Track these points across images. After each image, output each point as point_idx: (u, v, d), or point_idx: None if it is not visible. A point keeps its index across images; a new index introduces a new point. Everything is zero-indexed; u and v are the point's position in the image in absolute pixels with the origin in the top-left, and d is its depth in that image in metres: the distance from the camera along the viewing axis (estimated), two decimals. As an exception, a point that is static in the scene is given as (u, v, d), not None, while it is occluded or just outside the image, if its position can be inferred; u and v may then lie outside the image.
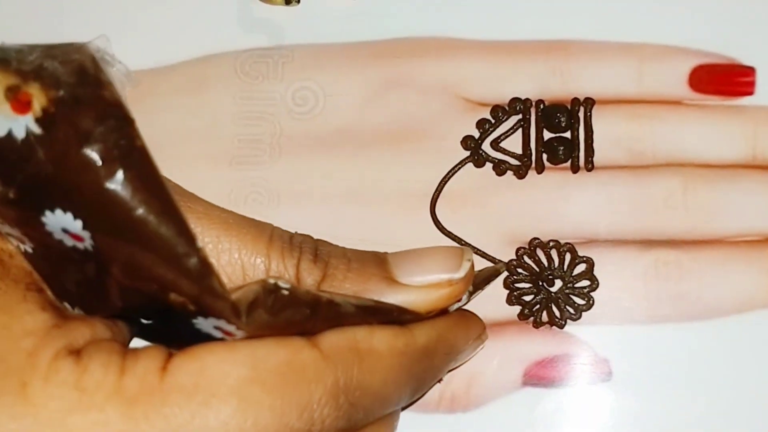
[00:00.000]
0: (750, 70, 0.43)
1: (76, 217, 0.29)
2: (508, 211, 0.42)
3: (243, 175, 0.43)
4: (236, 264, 0.34)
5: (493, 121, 0.43)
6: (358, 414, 0.32)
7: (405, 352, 0.34)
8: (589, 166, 0.42)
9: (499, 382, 0.41)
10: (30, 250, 0.32)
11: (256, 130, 0.43)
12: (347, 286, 0.35)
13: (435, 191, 0.42)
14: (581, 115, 0.42)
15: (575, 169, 0.42)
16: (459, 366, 0.40)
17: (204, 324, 0.30)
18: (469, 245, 0.42)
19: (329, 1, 0.44)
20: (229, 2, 0.44)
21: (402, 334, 0.34)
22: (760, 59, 0.43)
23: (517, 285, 0.42)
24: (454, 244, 0.42)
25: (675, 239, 0.42)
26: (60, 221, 0.29)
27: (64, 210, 0.29)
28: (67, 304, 0.32)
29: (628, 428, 0.41)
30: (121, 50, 0.43)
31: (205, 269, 0.29)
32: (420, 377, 0.35)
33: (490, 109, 0.43)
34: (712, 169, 0.42)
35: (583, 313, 0.41)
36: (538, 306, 0.41)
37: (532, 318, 0.41)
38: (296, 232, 0.36)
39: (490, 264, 0.42)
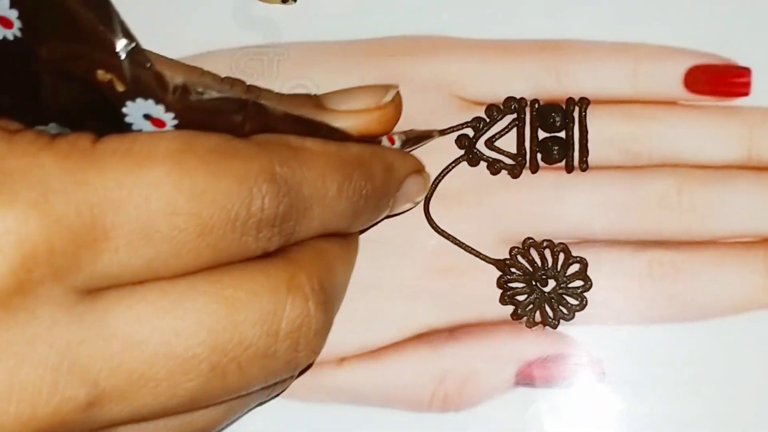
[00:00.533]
0: (745, 71, 0.42)
1: (12, 5, 0.29)
2: (502, 211, 0.42)
3: None
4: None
5: (487, 120, 0.43)
6: (300, 202, 0.32)
7: (338, 154, 0.34)
8: (584, 166, 0.42)
9: (491, 382, 0.41)
10: None
11: (251, 128, 0.43)
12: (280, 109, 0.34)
13: (429, 190, 0.42)
14: (576, 114, 0.42)
15: (570, 168, 0.42)
16: (407, 210, 0.41)
17: (134, 112, 0.30)
18: (463, 244, 0.42)
19: (325, -1, 0.44)
20: (225, 0, 0.44)
21: (333, 142, 0.35)
22: (755, 60, 0.42)
23: (510, 285, 0.41)
24: (445, 240, 0.42)
25: (669, 240, 0.42)
26: None
27: None
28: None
29: (621, 429, 0.41)
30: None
31: (130, 40, 0.29)
32: (362, 187, 0.35)
33: (484, 108, 0.43)
34: (707, 170, 0.42)
35: (577, 314, 0.41)
36: (531, 306, 0.41)
37: (525, 318, 0.41)
38: (228, 76, 0.36)
39: (486, 264, 0.42)
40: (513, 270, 0.42)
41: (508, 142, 0.43)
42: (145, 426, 0.31)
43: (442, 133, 0.42)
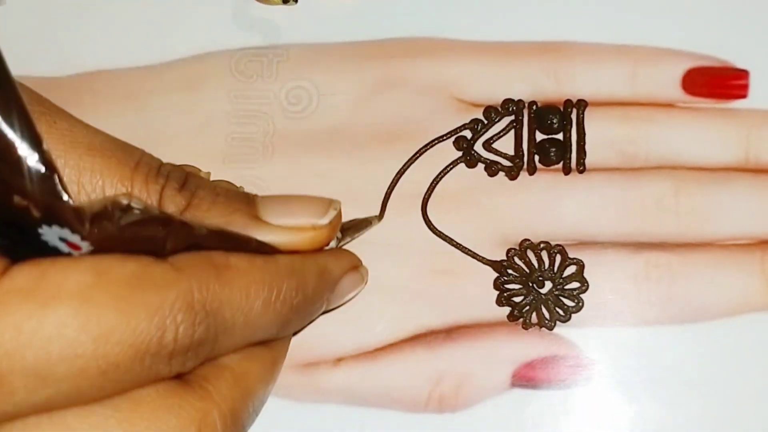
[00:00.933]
0: (743, 73, 0.42)
1: None
2: (500, 212, 0.42)
3: (236, 174, 0.43)
4: (97, 187, 0.33)
5: (485, 121, 0.43)
6: (219, 326, 0.31)
7: (266, 267, 0.33)
8: (581, 168, 0.42)
9: (487, 384, 0.41)
10: None
11: (250, 129, 0.43)
12: (210, 217, 0.34)
13: (426, 191, 0.42)
14: (574, 116, 0.42)
15: (567, 170, 0.42)
16: (342, 305, 0.40)
17: (49, 234, 0.29)
18: (460, 245, 0.42)
19: (324, 1, 0.44)
20: (225, 1, 0.44)
21: (261, 256, 0.33)
22: (753, 62, 0.43)
23: (507, 286, 0.42)
24: (442, 242, 0.42)
25: (666, 242, 0.42)
26: None
27: None
28: None
29: (617, 430, 0.41)
30: (117, 48, 0.43)
31: (48, 170, 0.28)
32: (292, 298, 0.34)
33: (483, 109, 0.43)
34: (705, 172, 0.42)
35: (573, 315, 0.41)
36: (527, 307, 0.41)
37: (521, 319, 0.41)
38: (168, 163, 0.35)
39: (483, 266, 0.42)
40: (510, 271, 0.42)
41: (506, 144, 0.43)
42: None
43: (380, 218, 0.42)
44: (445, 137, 0.43)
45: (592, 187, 0.42)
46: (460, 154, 0.43)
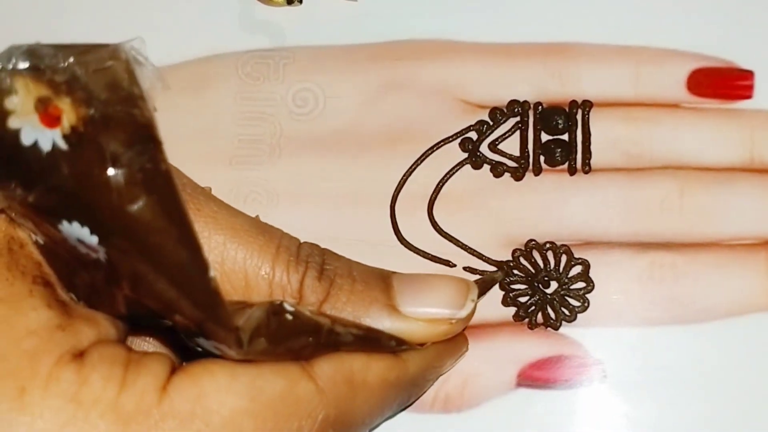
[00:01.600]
0: (748, 74, 0.43)
1: (92, 232, 0.29)
2: (505, 213, 0.42)
3: (243, 175, 0.43)
4: (240, 272, 0.33)
5: (491, 123, 0.43)
6: None
7: (397, 385, 0.35)
8: (586, 168, 0.42)
9: (493, 383, 0.41)
10: (41, 242, 0.31)
11: (257, 131, 0.44)
12: (349, 309, 0.34)
13: (432, 193, 0.43)
14: (579, 117, 0.42)
15: (572, 171, 0.42)
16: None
17: (206, 344, 0.31)
18: (466, 246, 0.42)
19: (330, 3, 0.44)
20: (231, 4, 0.44)
21: (396, 366, 0.35)
22: (758, 63, 0.43)
23: (512, 286, 0.42)
24: (448, 242, 0.42)
25: (671, 242, 0.42)
26: (76, 232, 0.29)
27: (82, 224, 0.29)
28: (73, 296, 0.32)
29: (622, 430, 0.41)
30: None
31: (214, 299, 0.29)
32: (403, 401, 0.37)
33: (488, 111, 0.43)
34: (709, 173, 0.42)
35: (579, 315, 0.41)
36: (533, 307, 0.41)
37: (527, 319, 0.41)
38: (305, 243, 0.35)
39: (488, 266, 0.42)
40: (515, 272, 0.42)
41: (512, 145, 0.43)
42: None
43: (504, 267, 0.42)
44: (450, 139, 0.43)
45: (598, 187, 0.42)
46: (465, 155, 0.43)
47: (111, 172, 0.28)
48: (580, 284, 0.41)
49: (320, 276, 0.34)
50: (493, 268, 0.42)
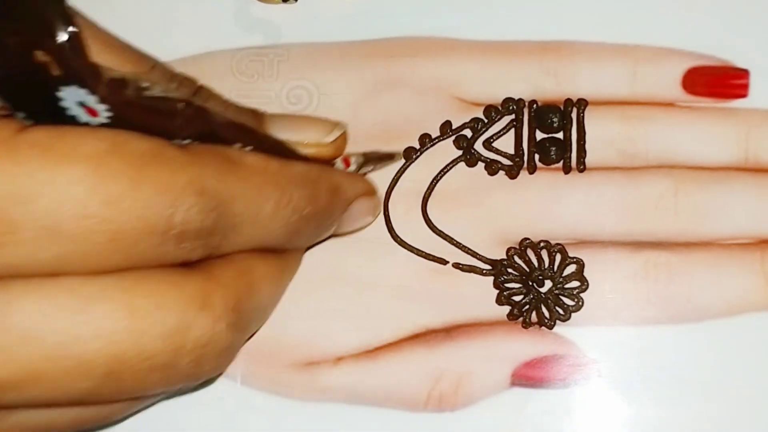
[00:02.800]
0: (744, 73, 0.42)
1: None
2: (500, 211, 0.42)
3: None
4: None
5: (486, 120, 0.43)
6: (229, 218, 0.31)
7: (280, 172, 0.33)
8: (581, 167, 0.42)
9: (487, 382, 0.41)
10: None
11: (251, 128, 0.43)
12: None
13: (426, 190, 0.42)
14: (574, 115, 0.42)
15: (567, 169, 0.42)
16: (353, 231, 0.41)
17: (69, 97, 0.29)
18: (460, 244, 0.42)
19: (325, 0, 0.44)
20: (226, 1, 0.44)
21: (277, 160, 0.34)
22: (753, 62, 0.42)
23: (506, 285, 0.42)
24: (442, 240, 0.42)
25: (666, 241, 0.42)
26: None
27: None
28: None
29: (617, 429, 0.41)
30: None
31: (71, 24, 0.28)
32: (302, 207, 0.34)
33: (483, 108, 0.43)
34: (704, 172, 0.42)
35: (573, 314, 0.41)
36: (527, 306, 0.41)
37: (521, 318, 0.41)
38: (181, 72, 0.35)
39: (480, 265, 0.42)
40: (510, 270, 0.42)
41: (506, 143, 0.43)
42: (41, 412, 0.31)
43: (410, 153, 0.42)
44: (445, 136, 0.43)
45: (592, 186, 0.42)
46: (460, 153, 0.43)
47: None
48: (575, 283, 0.41)
49: (192, 95, 0.34)
50: (487, 267, 0.42)
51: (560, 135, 0.42)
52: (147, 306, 0.30)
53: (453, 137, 0.43)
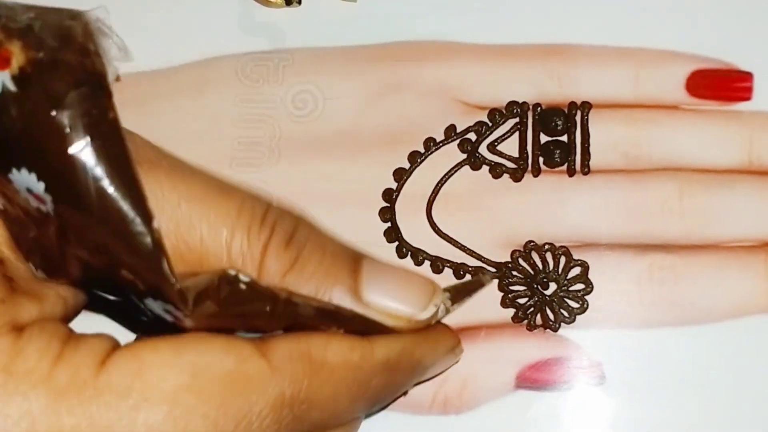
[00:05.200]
0: (747, 76, 0.43)
1: (39, 178, 0.29)
2: (504, 214, 0.42)
3: (242, 177, 0.42)
4: (196, 235, 0.31)
5: (490, 124, 0.43)
6: (303, 426, 0.31)
7: (361, 367, 0.32)
8: (586, 169, 0.42)
9: (492, 385, 0.41)
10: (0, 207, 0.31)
11: (256, 133, 0.44)
12: (312, 284, 0.32)
13: (431, 193, 0.42)
14: (578, 118, 0.42)
15: (571, 172, 0.42)
16: (431, 378, 0.39)
17: (154, 305, 0.30)
18: (465, 247, 0.42)
19: (329, 4, 0.44)
20: (231, 5, 0.44)
21: (360, 346, 0.32)
22: (757, 65, 0.43)
23: (511, 288, 0.42)
24: (447, 244, 0.42)
25: (670, 244, 0.42)
26: (25, 180, 0.29)
27: (29, 170, 0.29)
28: (32, 265, 0.32)
29: (621, 432, 0.41)
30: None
31: (157, 251, 0.29)
32: (378, 392, 0.34)
33: (487, 112, 0.43)
34: (709, 174, 0.42)
35: (578, 317, 0.41)
36: (532, 309, 0.41)
37: (526, 321, 0.41)
38: (276, 206, 0.33)
39: (486, 267, 0.42)
40: (514, 273, 0.42)
41: (511, 146, 0.43)
42: None
43: (493, 276, 0.42)
44: (449, 140, 0.43)
45: (596, 188, 0.42)
46: (464, 156, 0.43)
47: (55, 113, 0.28)
48: (579, 286, 0.41)
49: (288, 244, 0.32)
50: (492, 269, 0.42)
51: (564, 138, 0.42)
52: None
53: (457, 141, 0.43)
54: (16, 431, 0.28)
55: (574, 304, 0.41)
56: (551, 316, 0.41)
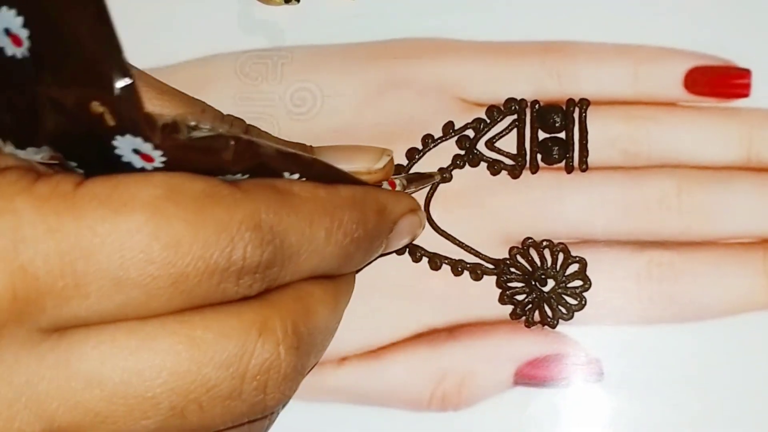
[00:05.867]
0: (745, 72, 0.43)
1: (19, 13, 0.29)
2: (502, 211, 0.42)
3: None
4: None
5: (488, 121, 0.43)
6: (285, 249, 0.31)
7: (328, 198, 0.34)
8: (584, 166, 0.42)
9: (490, 382, 0.41)
10: None
11: (255, 131, 0.44)
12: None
13: (429, 190, 0.43)
14: (576, 115, 0.42)
15: (569, 169, 0.42)
16: (402, 248, 0.41)
17: (124, 146, 0.30)
18: (463, 244, 0.42)
19: (328, 2, 0.44)
20: (230, 4, 0.44)
21: (324, 185, 0.34)
22: (755, 61, 0.43)
23: (509, 284, 0.42)
24: (446, 242, 0.42)
25: (669, 240, 0.42)
26: (3, 19, 0.29)
27: (9, 5, 0.29)
28: (0, 141, 0.32)
29: (619, 428, 0.41)
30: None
31: (127, 76, 0.28)
32: (353, 231, 0.34)
33: (485, 109, 0.43)
34: (707, 171, 0.42)
35: (576, 313, 0.41)
36: (530, 305, 0.41)
37: (524, 317, 0.41)
38: (228, 114, 0.35)
39: (484, 264, 0.42)
40: (512, 270, 0.42)
41: (509, 143, 0.43)
42: None
43: (443, 173, 0.43)
44: (447, 137, 0.43)
45: (595, 185, 0.42)
46: (462, 153, 0.43)
47: None
48: (577, 282, 0.41)
49: (244, 133, 0.34)
50: (490, 266, 0.42)
51: (562, 135, 0.42)
52: (207, 335, 0.30)
53: (456, 138, 0.43)
54: (2, 242, 0.28)
55: (572, 301, 0.41)
56: (549, 312, 0.41)
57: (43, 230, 0.28)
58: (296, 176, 0.34)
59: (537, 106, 0.43)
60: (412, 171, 0.43)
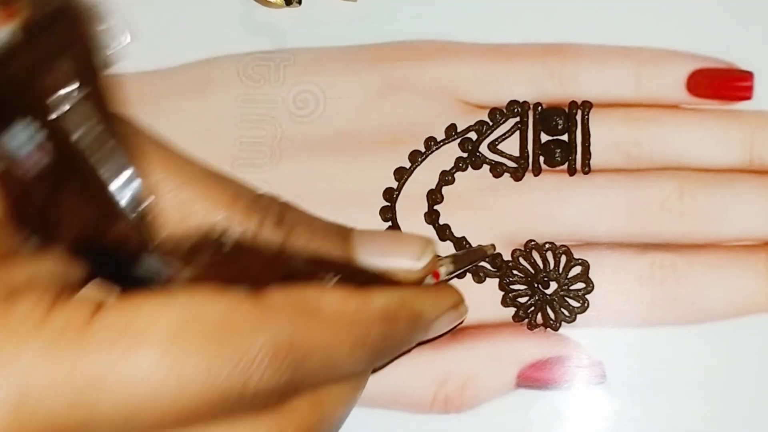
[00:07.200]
0: (748, 75, 0.43)
1: (41, 128, 0.29)
2: (505, 213, 0.42)
3: (244, 178, 0.43)
4: (195, 218, 0.32)
5: (491, 123, 0.43)
6: (305, 371, 0.31)
7: (358, 314, 0.32)
8: (586, 169, 0.42)
9: (492, 384, 0.41)
10: None
11: (258, 133, 0.44)
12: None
13: (434, 192, 0.43)
14: (579, 118, 0.42)
15: (572, 171, 0.42)
16: (436, 337, 0.39)
17: (150, 264, 0.30)
18: (465, 246, 0.42)
19: (330, 4, 0.44)
20: (232, 6, 0.45)
21: (356, 295, 0.33)
22: (758, 64, 0.43)
23: (512, 287, 0.42)
24: (448, 243, 0.42)
25: (671, 243, 0.42)
26: (27, 133, 0.29)
27: (32, 121, 0.28)
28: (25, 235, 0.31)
29: (622, 431, 0.41)
30: (125, 53, 0.44)
31: (147, 207, 0.29)
32: (378, 343, 0.33)
33: (488, 111, 0.43)
34: (709, 174, 0.42)
35: (578, 316, 0.41)
36: (532, 308, 0.41)
37: (526, 320, 0.41)
38: (264, 193, 0.34)
39: (486, 266, 0.42)
40: (515, 272, 0.42)
41: (511, 145, 0.43)
42: None
43: (494, 247, 0.42)
44: (450, 139, 0.43)
45: (597, 188, 0.42)
46: (465, 155, 0.43)
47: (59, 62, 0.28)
48: (580, 285, 0.41)
49: (279, 223, 0.33)
50: (492, 269, 0.42)
51: (565, 137, 0.42)
52: None
53: (458, 140, 0.43)
54: (10, 378, 0.27)
55: (574, 303, 0.41)
56: (552, 315, 0.41)
57: (55, 373, 0.28)
58: (331, 278, 0.33)
59: (539, 109, 0.43)
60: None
